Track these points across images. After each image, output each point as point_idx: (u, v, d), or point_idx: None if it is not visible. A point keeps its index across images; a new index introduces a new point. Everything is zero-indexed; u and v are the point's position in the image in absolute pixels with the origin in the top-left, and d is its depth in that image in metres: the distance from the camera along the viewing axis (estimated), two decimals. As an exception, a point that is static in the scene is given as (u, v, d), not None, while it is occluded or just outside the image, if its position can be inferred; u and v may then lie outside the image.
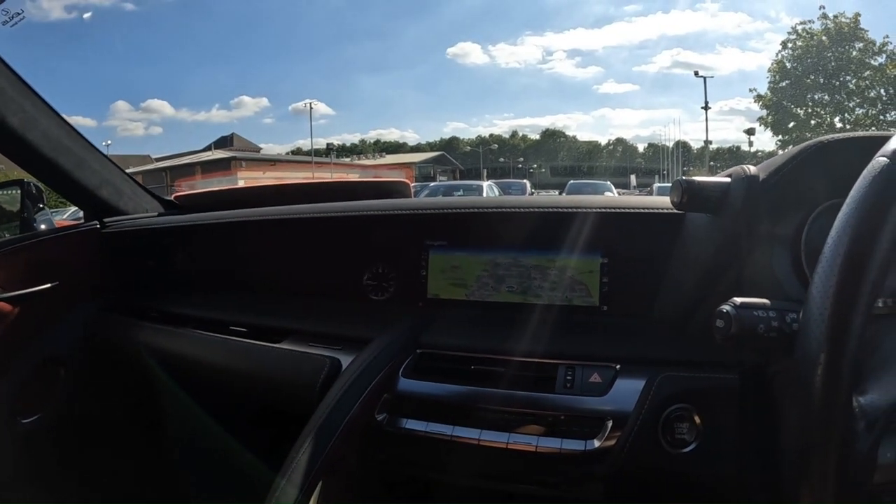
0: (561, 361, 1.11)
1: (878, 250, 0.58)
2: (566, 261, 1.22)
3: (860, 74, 29.00)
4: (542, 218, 1.23)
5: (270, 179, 35.83)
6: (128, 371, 1.68)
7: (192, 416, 1.66)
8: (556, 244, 1.22)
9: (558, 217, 1.22)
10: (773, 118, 30.86)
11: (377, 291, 1.39)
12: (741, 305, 0.74)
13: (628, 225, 1.19)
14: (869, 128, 27.73)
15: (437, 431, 1.10)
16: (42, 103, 1.52)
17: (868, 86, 29.03)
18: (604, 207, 1.21)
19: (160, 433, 1.77)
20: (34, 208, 1.73)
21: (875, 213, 0.59)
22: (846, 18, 29.29)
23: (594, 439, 1.03)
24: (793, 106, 30.49)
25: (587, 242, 1.19)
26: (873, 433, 0.61)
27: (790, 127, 30.35)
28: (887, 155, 0.61)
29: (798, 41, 30.43)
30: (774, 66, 31.20)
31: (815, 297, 0.61)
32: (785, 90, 30.59)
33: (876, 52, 28.87)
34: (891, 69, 28.32)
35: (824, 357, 0.59)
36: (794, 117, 30.41)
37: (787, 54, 30.91)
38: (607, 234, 1.19)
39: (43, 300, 1.54)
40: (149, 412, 1.75)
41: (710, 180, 0.97)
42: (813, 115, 30.32)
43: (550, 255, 1.23)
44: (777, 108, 30.70)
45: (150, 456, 1.78)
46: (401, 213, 1.37)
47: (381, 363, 1.16)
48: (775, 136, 31.31)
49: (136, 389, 1.71)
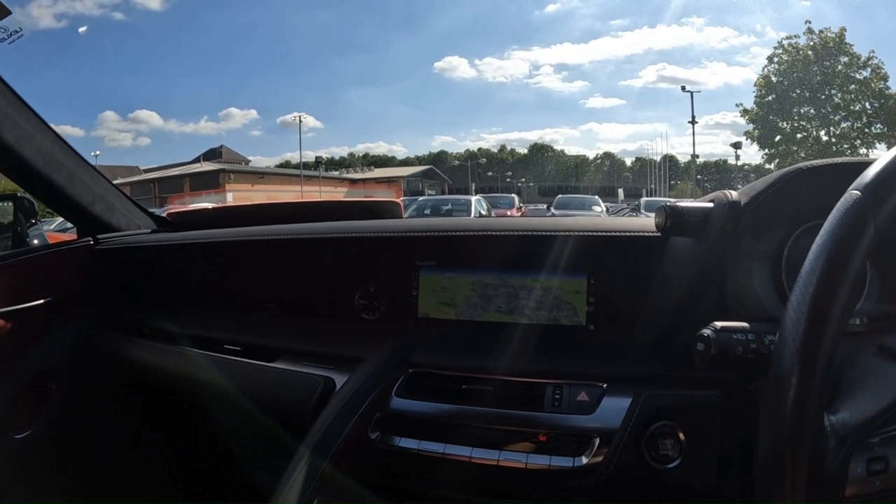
0: (549, 381, 1.13)
1: (848, 278, 0.61)
2: (553, 281, 1.23)
3: (845, 88, 29.31)
4: (530, 240, 1.25)
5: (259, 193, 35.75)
6: (119, 387, 1.68)
7: (185, 434, 1.67)
8: (544, 265, 1.23)
9: (545, 239, 1.24)
10: (760, 132, 31.15)
11: (368, 311, 1.39)
12: (721, 329, 0.78)
13: (614, 247, 1.21)
14: (854, 140, 28.06)
15: (430, 449, 1.12)
16: (37, 119, 1.53)
17: (853, 99, 29.34)
18: (589, 231, 1.23)
19: (151, 450, 1.77)
20: (27, 222, 1.74)
21: (846, 243, 0.62)
22: (832, 33, 29.66)
23: (582, 456, 1.05)
24: (779, 120, 30.79)
25: (573, 263, 1.21)
26: (844, 449, 0.63)
27: (776, 141, 30.68)
28: (860, 189, 0.64)
29: (784, 55, 30.77)
30: (760, 81, 31.54)
31: (788, 322, 0.63)
32: (771, 104, 30.90)
33: (861, 66, 29.22)
34: (875, 83, 28.65)
35: (795, 378, 0.61)
36: (781, 131, 30.71)
37: (773, 69, 31.28)
38: (593, 255, 1.21)
39: (35, 316, 1.55)
40: (140, 429, 1.75)
41: (692, 205, 1.01)
42: (799, 128, 30.65)
43: (538, 276, 1.24)
44: (763, 122, 30.98)
45: (141, 472, 1.77)
46: (392, 236, 1.38)
47: (375, 383, 1.18)
48: (762, 149, 31.67)
49: (127, 406, 1.72)
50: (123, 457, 1.75)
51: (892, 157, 0.65)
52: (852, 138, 29.20)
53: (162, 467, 1.78)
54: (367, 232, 1.41)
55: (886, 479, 0.64)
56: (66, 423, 1.62)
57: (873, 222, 0.62)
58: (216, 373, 1.40)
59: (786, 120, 30.71)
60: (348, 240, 1.41)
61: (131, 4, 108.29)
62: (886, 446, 0.65)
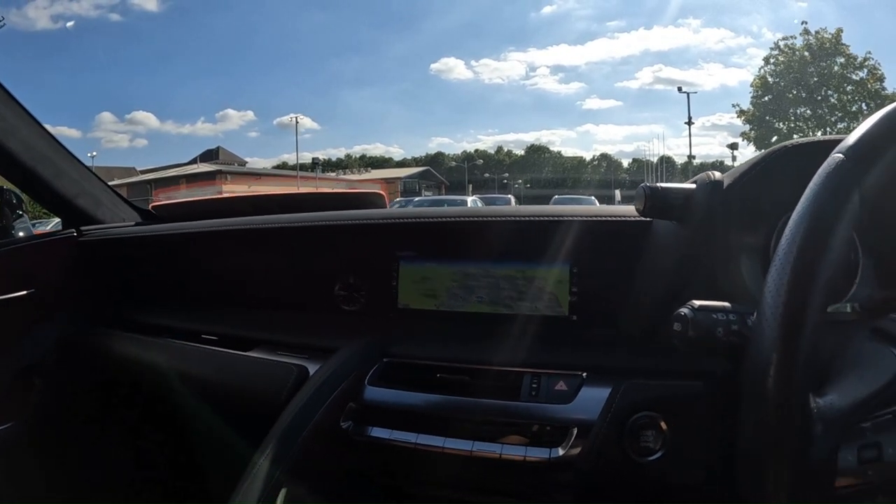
0: (527, 370, 1.12)
1: (831, 248, 0.58)
2: (536, 271, 1.21)
3: (842, 89, 29.42)
4: (512, 227, 1.24)
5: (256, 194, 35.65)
6: (103, 380, 1.67)
7: (166, 425, 1.66)
8: (526, 254, 1.21)
9: (527, 226, 1.22)
10: (756, 133, 31.26)
11: (348, 302, 1.38)
12: (699, 308, 0.72)
13: (597, 233, 1.19)
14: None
15: (401, 439, 1.11)
16: (22, 111, 1.53)
17: (850, 100, 29.46)
18: (572, 216, 1.21)
19: (135, 442, 1.76)
20: (13, 216, 1.73)
21: (829, 210, 0.59)
22: (828, 34, 29.80)
23: (558, 447, 1.03)
24: (775, 121, 30.91)
25: (556, 252, 1.19)
26: (832, 436, 0.59)
27: (773, 141, 30.62)
28: (842, 151, 0.61)
29: (780, 56, 30.94)
30: (757, 82, 31.70)
31: (767, 298, 0.60)
32: (767, 105, 31.01)
33: (857, 66, 29.39)
34: (872, 84, 28.75)
35: (776, 356, 0.58)
36: (777, 132, 30.81)
37: (769, 69, 31.46)
38: (576, 243, 1.19)
39: (18, 308, 1.53)
40: (124, 421, 1.74)
41: (673, 186, 0.98)
42: (795, 129, 30.73)
43: (520, 266, 1.22)
44: (760, 123, 31.11)
45: (124, 465, 1.76)
46: (370, 223, 1.36)
47: (347, 371, 1.17)
48: (758, 150, 31.39)
49: (111, 398, 1.71)
50: (107, 449, 1.74)
51: (879, 118, 0.62)
52: (849, 139, 29.23)
53: (145, 460, 1.77)
54: (346, 220, 1.39)
55: (880, 469, 0.60)
56: (49, 416, 1.61)
57: (858, 189, 0.60)
58: (194, 363, 1.40)
59: (782, 121, 30.85)
60: (327, 228, 1.40)
61: (128, 5, 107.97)
62: (880, 432, 0.61)
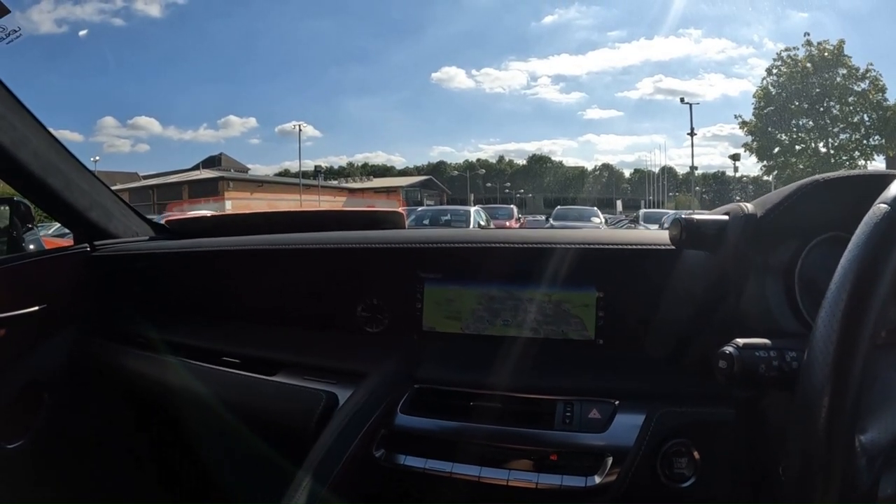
0: (559, 397, 1.11)
1: (879, 293, 0.60)
2: (561, 294, 1.20)
3: (844, 100, 29.52)
4: (538, 252, 1.22)
5: (259, 201, 35.79)
6: (113, 397, 1.65)
7: (180, 448, 1.64)
8: (552, 278, 1.20)
9: (553, 252, 1.21)
10: (758, 144, 31.35)
11: (371, 323, 1.35)
12: (744, 347, 0.76)
13: (624, 260, 1.19)
14: (853, 152, 28.25)
15: (437, 468, 1.09)
16: (34, 121, 1.51)
17: (852, 111, 29.56)
18: (599, 244, 1.20)
19: (145, 460, 1.74)
20: (23, 227, 1.71)
21: (877, 257, 0.61)
22: (830, 45, 29.89)
23: (595, 475, 1.03)
24: (777, 132, 31.02)
25: (582, 276, 1.19)
26: (873, 469, 0.62)
27: (775, 152, 30.91)
28: (887, 202, 0.63)
29: (783, 67, 31.02)
30: (759, 92, 31.78)
31: (818, 339, 0.62)
32: (770, 116, 31.10)
33: (859, 77, 29.49)
34: (874, 95, 28.84)
35: (828, 399, 0.60)
36: (779, 143, 30.92)
37: (771, 80, 31.54)
38: (603, 268, 1.19)
39: (29, 323, 1.52)
40: (134, 439, 1.72)
41: (708, 218, 0.98)
42: (797, 140, 30.86)
43: (545, 289, 1.21)
44: (762, 134, 31.19)
45: (134, 483, 1.74)
46: (395, 247, 1.35)
47: (379, 399, 1.15)
48: (760, 161, 31.92)
49: (120, 415, 1.69)
50: (116, 469, 1.72)
51: None
52: (851, 150, 29.47)
53: (155, 482, 1.75)
54: (370, 243, 1.37)
55: None
56: (58, 433, 1.59)
57: None
58: (214, 386, 1.37)
59: (784, 131, 30.93)
60: (350, 251, 1.38)
61: (132, 11, 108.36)
62: None
